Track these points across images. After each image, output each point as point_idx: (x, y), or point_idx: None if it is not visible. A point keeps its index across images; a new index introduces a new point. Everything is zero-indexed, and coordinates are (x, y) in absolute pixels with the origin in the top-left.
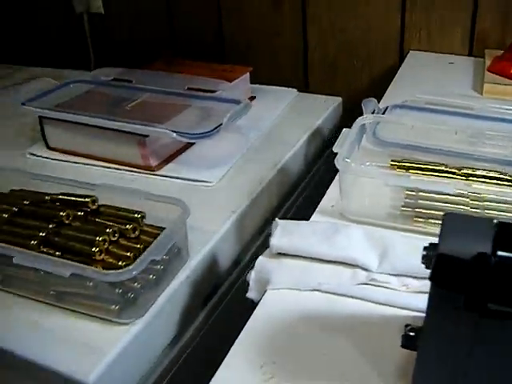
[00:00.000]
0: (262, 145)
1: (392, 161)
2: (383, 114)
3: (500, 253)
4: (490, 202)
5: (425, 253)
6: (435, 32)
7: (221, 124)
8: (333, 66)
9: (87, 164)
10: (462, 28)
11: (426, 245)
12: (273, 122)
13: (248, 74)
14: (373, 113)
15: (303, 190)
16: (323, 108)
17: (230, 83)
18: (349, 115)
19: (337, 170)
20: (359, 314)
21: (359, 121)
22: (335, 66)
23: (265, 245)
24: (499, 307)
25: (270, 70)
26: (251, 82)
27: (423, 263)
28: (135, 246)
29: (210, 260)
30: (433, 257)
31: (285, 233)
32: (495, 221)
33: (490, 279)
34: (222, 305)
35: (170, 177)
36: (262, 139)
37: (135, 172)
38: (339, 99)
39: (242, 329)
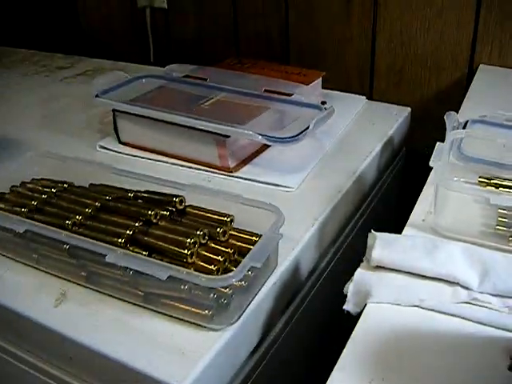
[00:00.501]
0: (336, 152)
1: (480, 177)
2: (463, 128)
3: None
4: None
5: None
6: (508, 46)
7: (307, 128)
8: (399, 75)
9: (159, 161)
10: None
11: None
12: (345, 128)
13: (320, 78)
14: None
15: (373, 198)
16: (394, 117)
17: (306, 86)
18: (414, 126)
19: (404, 183)
20: (462, 334)
21: (451, 135)
22: (402, 75)
23: (339, 252)
24: None
25: (336, 74)
26: None
27: None
28: (226, 249)
29: (294, 267)
30: None
31: (385, 246)
32: None
33: None
34: (299, 310)
35: (248, 179)
36: (336, 146)
37: (211, 172)
38: (408, 109)
39: (322, 336)
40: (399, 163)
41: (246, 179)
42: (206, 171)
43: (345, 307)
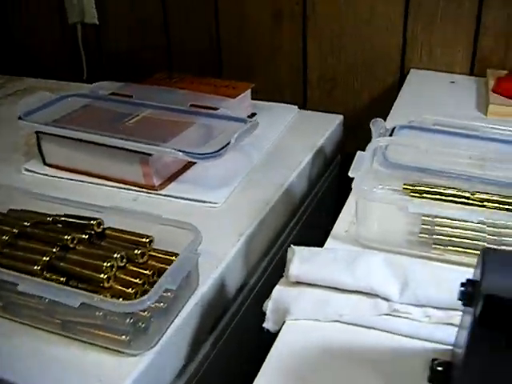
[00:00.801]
0: (265, 164)
1: (405, 184)
2: (390, 134)
3: None
4: (507, 228)
5: (463, 289)
6: (437, 50)
7: (228, 143)
8: (332, 84)
9: (86, 182)
10: (463, 47)
11: (463, 281)
12: (275, 140)
13: (249, 90)
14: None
15: (305, 209)
16: (325, 126)
17: (232, 100)
18: (348, 134)
19: (340, 191)
20: (382, 346)
21: (374, 143)
22: (334, 83)
23: (270, 268)
24: None
25: (268, 85)
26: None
27: (460, 299)
28: (144, 271)
29: (219, 285)
30: (473, 294)
31: (303, 260)
32: None
33: None
34: (228, 329)
35: (174, 197)
36: (265, 158)
37: (137, 191)
38: (340, 117)
39: (252, 355)
40: (333, 172)
41: (171, 197)
42: (132, 190)
43: (264, 325)
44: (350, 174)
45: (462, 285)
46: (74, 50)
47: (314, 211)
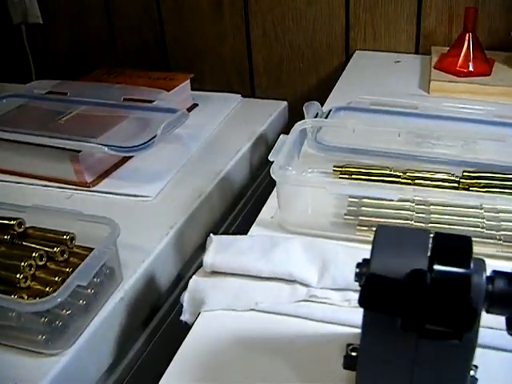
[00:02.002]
0: (203, 155)
1: (334, 166)
2: (326, 117)
3: (437, 267)
4: (436, 205)
5: (358, 270)
6: (381, 31)
7: (155, 136)
8: (278, 70)
9: (19, 182)
10: (407, 26)
11: (360, 261)
12: (215, 130)
13: (188, 81)
14: (316, 116)
15: (248, 200)
16: (267, 113)
17: (167, 92)
18: (296, 120)
19: None
20: (299, 334)
21: (297, 126)
22: (281, 69)
23: None
24: (438, 327)
25: (216, 75)
26: (197, 90)
27: (356, 281)
28: (64, 269)
29: (148, 280)
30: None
31: (219, 249)
32: (432, 232)
33: (426, 298)
34: (163, 326)
35: (107, 192)
36: (204, 149)
37: (70, 189)
38: (284, 103)
39: None
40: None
41: (104, 193)
42: (67, 188)
43: (181, 318)
44: (270, 158)
45: (358, 265)
46: (22, 52)
47: (257, 201)
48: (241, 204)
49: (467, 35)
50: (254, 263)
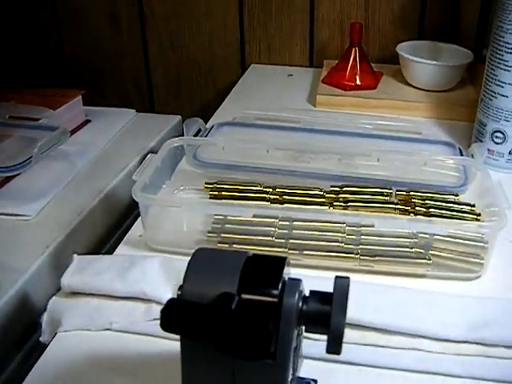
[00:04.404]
0: (89, 172)
1: (206, 183)
2: (209, 133)
3: (244, 290)
4: (299, 221)
5: (179, 292)
6: (274, 45)
7: (31, 156)
8: (176, 84)
9: None
10: (300, 40)
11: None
12: (105, 146)
13: (79, 97)
14: (198, 132)
15: (135, 218)
16: (159, 128)
17: (52, 111)
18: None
19: None
20: (155, 352)
21: (165, 145)
22: (179, 83)
23: None
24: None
25: (116, 91)
26: (95, 105)
27: None
28: None
29: (22, 299)
30: None
31: (78, 269)
32: (250, 254)
33: (230, 323)
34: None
35: None
36: (91, 165)
37: None
38: (178, 117)
39: None
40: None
41: None
42: None
43: (40, 339)
44: (133, 178)
45: (179, 288)
46: None
47: None
48: (127, 222)
49: (353, 50)
50: (109, 283)
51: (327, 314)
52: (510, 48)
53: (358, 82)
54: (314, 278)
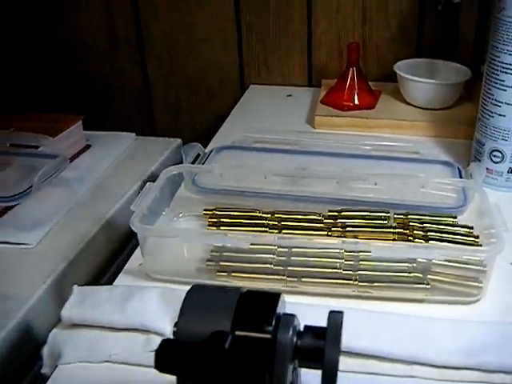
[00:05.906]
0: (89, 198)
1: (205, 210)
2: (207, 157)
3: (237, 328)
4: (297, 248)
5: (175, 329)
6: (273, 65)
7: (31, 186)
8: (177, 107)
9: None
10: (299, 60)
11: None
12: (105, 171)
13: (79, 123)
14: (197, 157)
15: (136, 244)
16: (160, 152)
17: (52, 138)
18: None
19: None
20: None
21: (163, 174)
22: (179, 106)
23: None
24: None
25: (115, 115)
26: (97, 130)
27: None
28: None
29: (24, 329)
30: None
31: (77, 301)
32: (241, 290)
33: (222, 362)
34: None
35: None
36: (92, 192)
37: None
38: (178, 140)
39: None
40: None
41: None
42: None
43: (42, 371)
44: (131, 208)
45: (175, 325)
46: None
47: None
48: (128, 248)
49: (351, 70)
50: (109, 315)
51: (321, 350)
52: (506, 67)
53: (356, 101)
54: (312, 307)
